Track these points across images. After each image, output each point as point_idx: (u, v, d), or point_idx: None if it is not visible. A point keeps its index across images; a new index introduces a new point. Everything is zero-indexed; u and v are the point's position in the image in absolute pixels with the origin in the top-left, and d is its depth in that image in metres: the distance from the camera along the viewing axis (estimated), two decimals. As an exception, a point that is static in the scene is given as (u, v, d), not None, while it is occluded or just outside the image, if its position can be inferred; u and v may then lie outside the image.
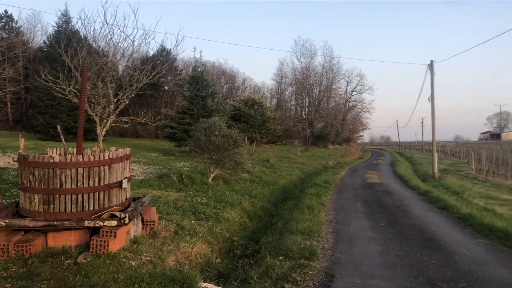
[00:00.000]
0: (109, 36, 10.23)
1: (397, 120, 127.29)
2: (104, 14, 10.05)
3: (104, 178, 6.50)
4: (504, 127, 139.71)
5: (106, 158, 6.55)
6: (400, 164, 39.44)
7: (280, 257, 7.43)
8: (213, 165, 15.84)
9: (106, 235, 6.04)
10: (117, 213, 6.27)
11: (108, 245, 5.94)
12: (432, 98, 26.09)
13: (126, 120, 10.97)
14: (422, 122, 79.96)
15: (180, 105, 31.45)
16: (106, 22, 10.04)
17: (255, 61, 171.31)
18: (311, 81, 68.50)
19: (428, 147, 48.46)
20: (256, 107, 45.89)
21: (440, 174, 27.15)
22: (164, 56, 39.57)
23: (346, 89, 77.37)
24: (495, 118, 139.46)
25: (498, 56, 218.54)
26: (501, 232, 9.47)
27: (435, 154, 27.38)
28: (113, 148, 7.25)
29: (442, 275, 6.56)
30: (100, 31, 10.30)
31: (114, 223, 6.08)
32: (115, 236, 6.04)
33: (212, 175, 15.67)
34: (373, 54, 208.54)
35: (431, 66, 25.88)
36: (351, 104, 79.54)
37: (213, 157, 15.61)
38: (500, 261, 7.53)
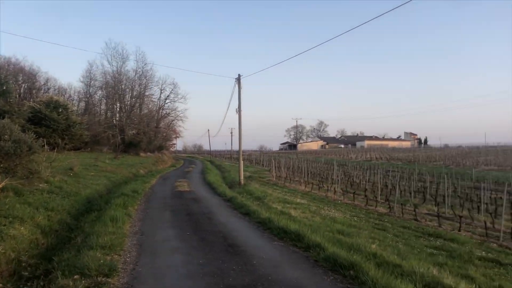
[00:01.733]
0: None
1: (208, 130, 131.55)
2: None
3: None
4: (299, 138, 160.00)
5: None
6: (210, 172, 40.95)
7: (75, 276, 6.66)
8: (1, 174, 13.67)
9: None
10: None
11: None
12: (239, 110, 27.78)
13: None
14: (231, 132, 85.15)
15: (-39, 104, 26.56)
16: None
17: (61, 60, 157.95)
18: (123, 86, 65.99)
19: (237, 156, 51.59)
20: (60, 110, 41.84)
21: (245, 181, 29.03)
22: None
23: (160, 97, 77.14)
24: (292, 131, 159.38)
25: (299, 74, 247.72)
26: (293, 234, 10.35)
27: (241, 162, 29.28)
28: None
29: (241, 281, 6.76)
30: None
31: None
32: None
33: (-2, 187, 13.49)
34: (188, 65, 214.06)
35: (238, 80, 27.52)
36: (164, 111, 79.61)
37: (1, 165, 13.52)
38: (292, 262, 8.18)
